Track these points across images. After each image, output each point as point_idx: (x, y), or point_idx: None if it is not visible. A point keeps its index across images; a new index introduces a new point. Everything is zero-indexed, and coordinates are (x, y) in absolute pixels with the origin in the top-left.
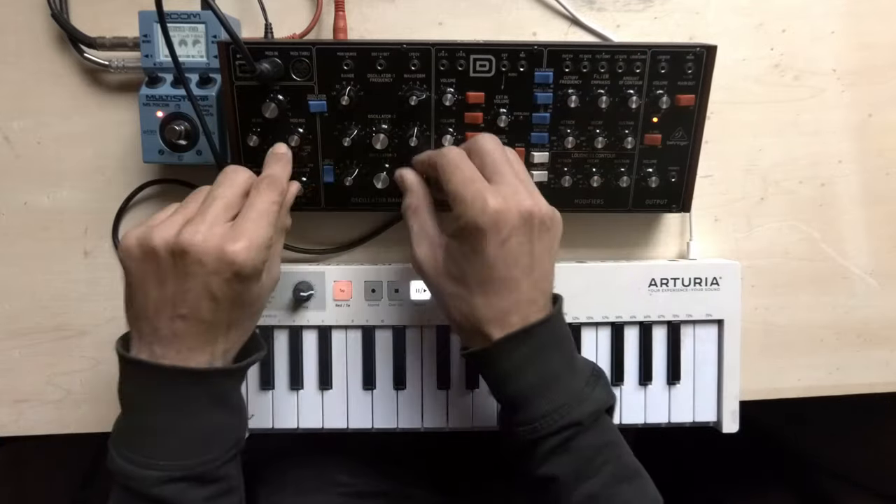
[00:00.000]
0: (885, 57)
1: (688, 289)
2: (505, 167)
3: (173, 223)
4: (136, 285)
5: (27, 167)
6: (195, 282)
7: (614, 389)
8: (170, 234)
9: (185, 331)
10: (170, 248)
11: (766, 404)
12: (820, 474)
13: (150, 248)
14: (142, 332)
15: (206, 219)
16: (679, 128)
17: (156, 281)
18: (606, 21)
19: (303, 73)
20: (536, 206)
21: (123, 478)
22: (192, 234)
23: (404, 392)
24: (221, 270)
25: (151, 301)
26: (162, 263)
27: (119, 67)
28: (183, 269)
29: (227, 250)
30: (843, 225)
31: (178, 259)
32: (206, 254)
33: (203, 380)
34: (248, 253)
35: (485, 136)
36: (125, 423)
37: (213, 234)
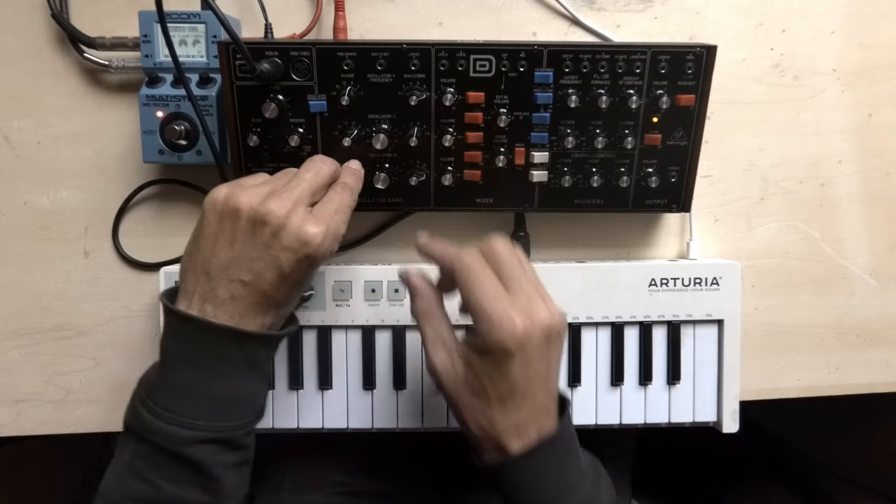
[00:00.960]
0: (885, 57)
1: (688, 289)
2: (521, 274)
3: (260, 191)
4: (208, 239)
5: (27, 167)
6: (266, 252)
7: (614, 389)
8: (255, 200)
9: (243, 296)
10: (252, 212)
11: (766, 404)
12: (820, 474)
13: (234, 206)
14: (197, 287)
15: (292, 196)
16: (679, 128)
17: (229, 240)
18: (606, 21)
19: (303, 73)
20: (553, 317)
21: (150, 433)
22: (277, 206)
23: (404, 392)
24: (296, 249)
25: (218, 258)
26: (240, 225)
27: (119, 67)
28: (259, 237)
29: (307, 231)
30: (843, 225)
31: (258, 226)
32: (285, 229)
33: (246, 343)
34: (324, 239)
35: (499, 242)
36: (161, 379)
37: (296, 212)
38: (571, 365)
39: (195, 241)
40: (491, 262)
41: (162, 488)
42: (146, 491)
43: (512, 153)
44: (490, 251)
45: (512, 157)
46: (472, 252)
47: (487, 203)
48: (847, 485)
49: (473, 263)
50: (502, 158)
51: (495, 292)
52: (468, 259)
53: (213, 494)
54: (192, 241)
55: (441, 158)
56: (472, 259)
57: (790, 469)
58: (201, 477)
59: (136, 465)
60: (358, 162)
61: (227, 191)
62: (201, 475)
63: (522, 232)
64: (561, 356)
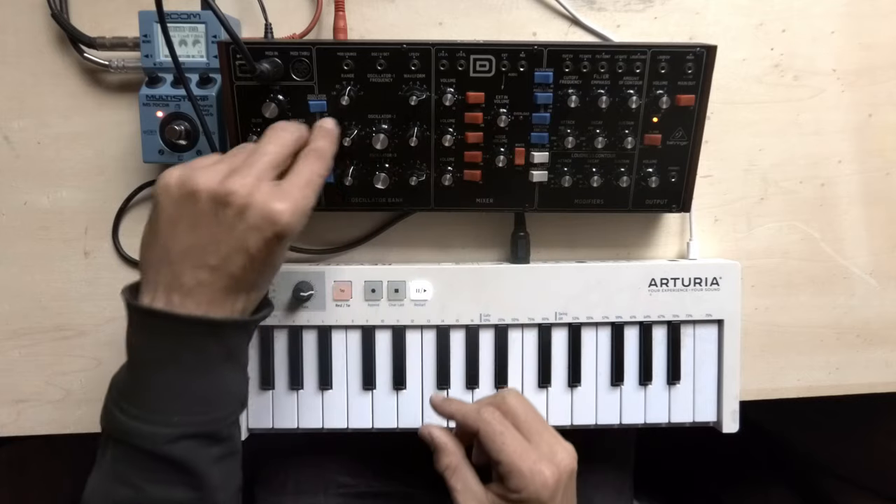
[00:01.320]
0: (885, 57)
1: (688, 289)
2: (538, 425)
3: (218, 170)
4: (166, 226)
5: (27, 167)
6: (232, 234)
7: (614, 389)
8: (214, 180)
9: (210, 283)
10: (212, 193)
11: (766, 404)
12: (820, 474)
13: (192, 189)
14: (160, 277)
15: (253, 172)
16: (679, 128)
17: (189, 225)
18: (606, 21)
19: (303, 73)
20: (572, 457)
21: (128, 436)
22: (239, 184)
23: (404, 392)
24: (263, 228)
25: (180, 245)
26: (200, 208)
27: (119, 67)
28: (222, 219)
29: (273, 208)
30: (843, 225)
31: (220, 207)
32: (250, 207)
33: (221, 332)
34: (291, 216)
35: (512, 397)
36: (132, 378)
37: (260, 189)
38: (571, 365)
39: (152, 230)
40: (509, 417)
41: (145, 490)
42: (129, 494)
43: (512, 153)
44: (507, 409)
45: (512, 157)
46: (492, 411)
47: (487, 203)
48: (847, 485)
49: (496, 424)
50: (502, 158)
51: (522, 449)
52: (491, 420)
53: (200, 490)
54: (149, 230)
55: (441, 158)
56: (494, 419)
57: (790, 469)
58: (185, 474)
59: (117, 469)
60: (332, 120)
61: (179, 173)
62: (185, 472)
63: (522, 232)
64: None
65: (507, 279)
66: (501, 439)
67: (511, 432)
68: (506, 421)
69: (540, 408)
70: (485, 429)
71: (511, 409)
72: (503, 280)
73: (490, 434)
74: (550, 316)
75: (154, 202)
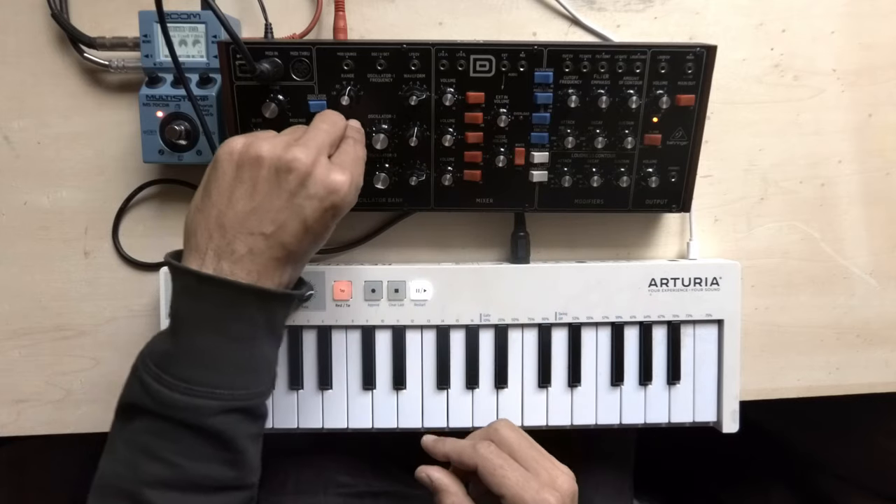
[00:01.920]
0: (885, 57)
1: (688, 289)
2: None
3: (281, 140)
4: (224, 190)
5: (27, 167)
6: (292, 202)
7: (614, 389)
8: (278, 148)
9: (263, 251)
10: (276, 159)
11: (766, 404)
12: (820, 474)
13: (256, 155)
14: (210, 243)
15: (314, 145)
16: (679, 128)
17: (249, 190)
18: (606, 21)
19: (303, 73)
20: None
21: (168, 408)
22: (303, 153)
23: (404, 392)
24: (322, 197)
25: (237, 211)
26: (262, 174)
27: (119, 67)
28: (284, 186)
29: (334, 179)
30: (843, 225)
31: (283, 174)
32: (312, 176)
33: (269, 303)
34: (348, 188)
35: (504, 426)
36: (175, 347)
37: (321, 161)
38: (571, 365)
39: (206, 193)
40: (505, 448)
41: (183, 468)
42: (164, 472)
43: (512, 153)
44: (501, 440)
45: (512, 157)
46: (487, 445)
47: (487, 203)
48: (847, 485)
49: (494, 458)
50: (502, 158)
51: (523, 480)
52: (488, 455)
53: (238, 468)
54: (203, 194)
55: (441, 158)
56: (491, 453)
57: (790, 469)
58: (226, 451)
59: (151, 445)
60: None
61: (245, 140)
62: (226, 448)
63: (522, 232)
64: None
65: (507, 279)
66: (502, 472)
67: (510, 464)
68: (503, 453)
69: (540, 408)
70: (483, 464)
71: (506, 440)
72: (503, 280)
73: (489, 469)
74: (550, 316)
75: (213, 166)
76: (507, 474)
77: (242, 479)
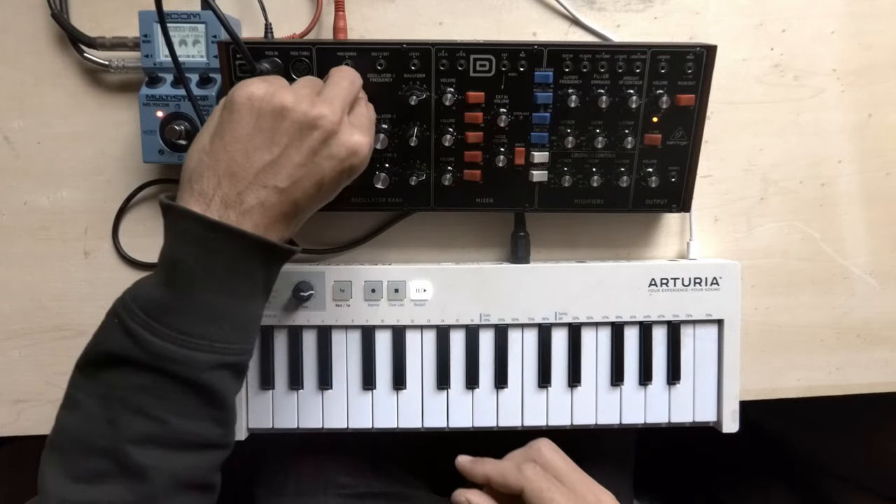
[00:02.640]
0: (885, 57)
1: (688, 289)
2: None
3: (305, 93)
4: (240, 137)
5: (27, 167)
6: (311, 159)
7: (614, 389)
8: (304, 101)
9: (273, 204)
10: (302, 114)
11: (766, 404)
12: (820, 474)
13: (280, 105)
14: (218, 190)
15: (340, 102)
16: (679, 128)
17: (267, 141)
18: (606, 21)
19: (303, 73)
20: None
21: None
22: (330, 110)
23: (404, 392)
24: (342, 157)
25: (252, 161)
26: (285, 126)
27: (119, 67)
28: (307, 142)
29: (357, 140)
30: (843, 225)
31: (306, 130)
32: (337, 136)
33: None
34: (366, 149)
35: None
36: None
37: (345, 120)
38: (571, 365)
39: (219, 137)
40: (550, 470)
41: (171, 424)
42: (150, 428)
43: (512, 153)
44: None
45: (512, 156)
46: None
47: (487, 203)
48: (847, 485)
49: (542, 481)
50: (502, 158)
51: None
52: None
53: (224, 426)
54: (215, 136)
55: (441, 158)
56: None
57: (790, 469)
58: (215, 407)
59: (135, 399)
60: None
61: (266, 86)
62: (216, 405)
63: (522, 232)
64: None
65: (507, 279)
66: (549, 496)
67: (557, 487)
68: (549, 476)
69: (540, 408)
70: (529, 486)
71: (550, 463)
72: (503, 280)
73: (537, 492)
74: (550, 316)
75: (229, 109)
76: (556, 497)
77: (226, 436)
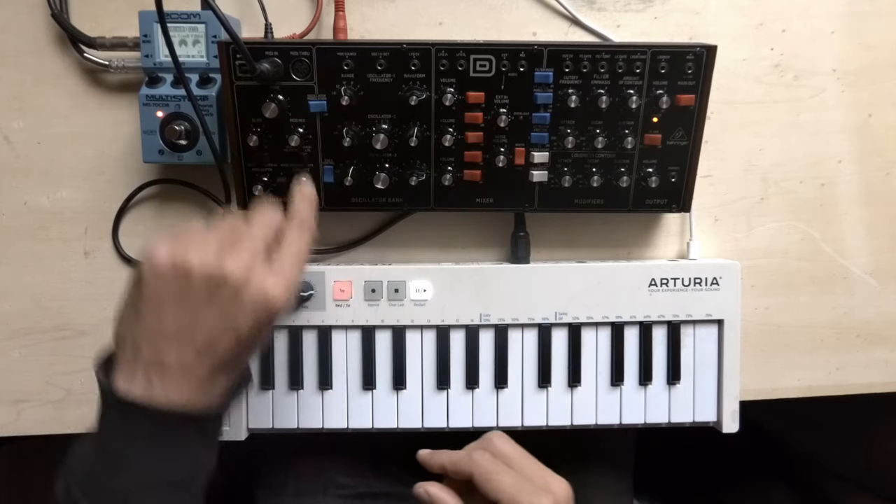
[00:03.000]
0: (885, 57)
1: (688, 289)
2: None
3: (210, 247)
4: (152, 304)
5: (27, 167)
6: (223, 314)
7: (614, 389)
8: (208, 258)
9: (196, 365)
10: (207, 273)
11: (766, 404)
12: (820, 474)
13: (185, 268)
14: (139, 356)
15: (247, 249)
16: (679, 128)
17: (178, 305)
18: (606, 21)
19: (303, 73)
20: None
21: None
22: (235, 264)
23: (404, 392)
24: (257, 308)
25: (166, 326)
26: (192, 287)
27: (119, 67)
28: (216, 299)
29: (269, 290)
30: (843, 225)
31: (214, 287)
32: (246, 288)
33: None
34: (285, 294)
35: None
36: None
37: (255, 269)
38: (571, 365)
39: (133, 305)
40: (500, 457)
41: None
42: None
43: (512, 153)
44: (496, 450)
45: (512, 157)
46: (482, 453)
47: (487, 203)
48: (847, 485)
49: (489, 464)
50: (502, 158)
51: (518, 483)
52: (482, 461)
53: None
54: (130, 305)
55: (441, 158)
56: (486, 460)
57: (790, 469)
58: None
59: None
60: (309, 182)
61: (170, 248)
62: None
63: (522, 232)
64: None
65: (507, 279)
66: (497, 478)
67: (505, 469)
68: (497, 461)
69: (540, 408)
70: (478, 471)
71: (500, 451)
72: (503, 280)
73: (485, 475)
74: (550, 316)
75: (138, 277)
76: (502, 478)
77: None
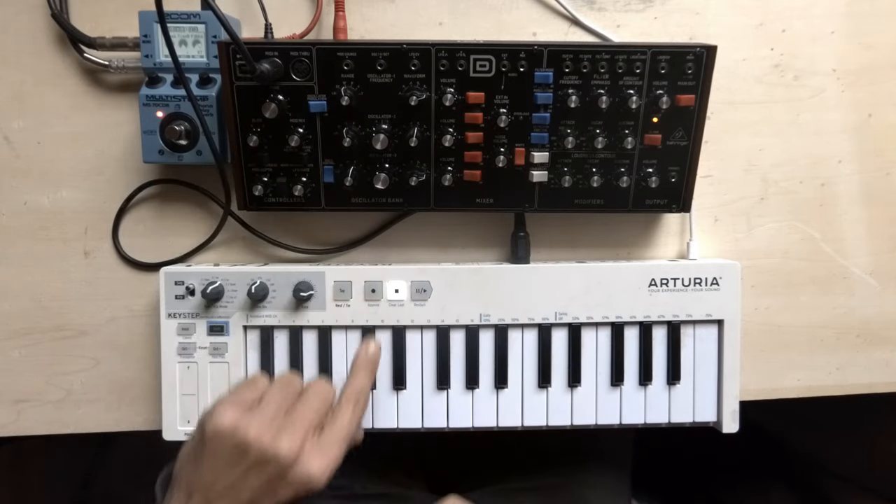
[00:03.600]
0: (885, 57)
1: (688, 289)
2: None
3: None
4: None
5: (27, 167)
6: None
7: (614, 389)
8: (266, 436)
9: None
10: (262, 451)
11: (766, 404)
12: (820, 474)
13: (245, 440)
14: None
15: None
16: (679, 128)
17: (231, 468)
18: (606, 21)
19: (303, 73)
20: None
21: None
22: (287, 446)
23: (404, 392)
24: (297, 487)
25: (219, 483)
26: (247, 457)
27: (119, 67)
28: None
29: (313, 472)
30: (843, 225)
31: (264, 462)
32: (292, 469)
33: None
34: (326, 473)
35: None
36: None
37: (304, 450)
38: (571, 365)
39: (194, 451)
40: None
41: None
42: None
43: (512, 153)
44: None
45: (512, 157)
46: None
47: (487, 203)
48: (847, 485)
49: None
50: (502, 158)
51: None
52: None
53: None
54: (192, 449)
55: (441, 158)
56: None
57: (790, 469)
58: None
59: None
60: (377, 345)
61: (234, 420)
62: None
63: (522, 232)
64: None
65: (507, 279)
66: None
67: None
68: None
69: (540, 408)
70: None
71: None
72: (503, 280)
73: None
74: (550, 316)
75: (205, 436)
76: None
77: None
